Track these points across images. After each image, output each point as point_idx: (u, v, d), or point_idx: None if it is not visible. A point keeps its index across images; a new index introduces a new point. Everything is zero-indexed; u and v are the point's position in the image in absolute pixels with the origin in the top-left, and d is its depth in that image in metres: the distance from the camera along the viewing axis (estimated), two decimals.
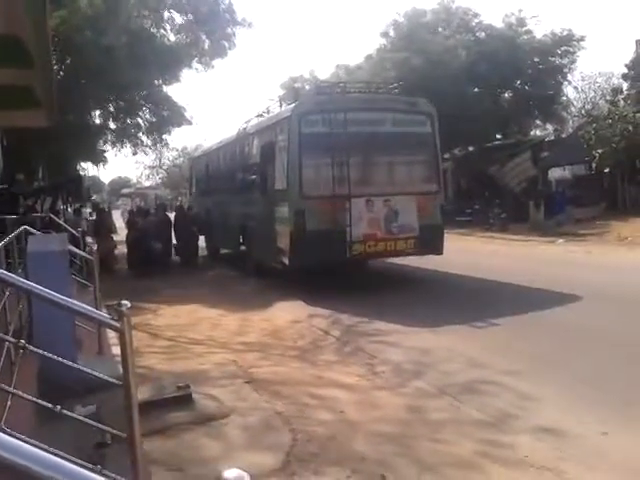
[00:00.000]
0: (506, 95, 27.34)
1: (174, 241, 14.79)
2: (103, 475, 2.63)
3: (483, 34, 26.33)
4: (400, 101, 10.65)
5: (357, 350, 6.51)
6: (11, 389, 3.16)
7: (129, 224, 15.04)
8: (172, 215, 15.79)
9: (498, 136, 27.50)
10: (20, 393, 3.18)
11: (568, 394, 4.85)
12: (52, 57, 7.41)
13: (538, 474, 3.56)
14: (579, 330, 6.84)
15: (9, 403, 3.13)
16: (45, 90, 8.43)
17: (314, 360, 6.27)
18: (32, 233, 5.81)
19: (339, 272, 10.36)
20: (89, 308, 2.95)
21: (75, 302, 3.05)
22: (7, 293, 4.04)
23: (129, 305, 2.84)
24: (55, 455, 1.04)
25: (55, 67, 10.14)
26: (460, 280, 10.63)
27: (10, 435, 1.09)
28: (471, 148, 27.00)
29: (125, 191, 68.26)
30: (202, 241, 15.58)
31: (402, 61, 24.53)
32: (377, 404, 4.88)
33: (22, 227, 5.87)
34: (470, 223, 21.33)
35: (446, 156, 21.52)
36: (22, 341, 2.98)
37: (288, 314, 8.51)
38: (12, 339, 3.27)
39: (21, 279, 2.83)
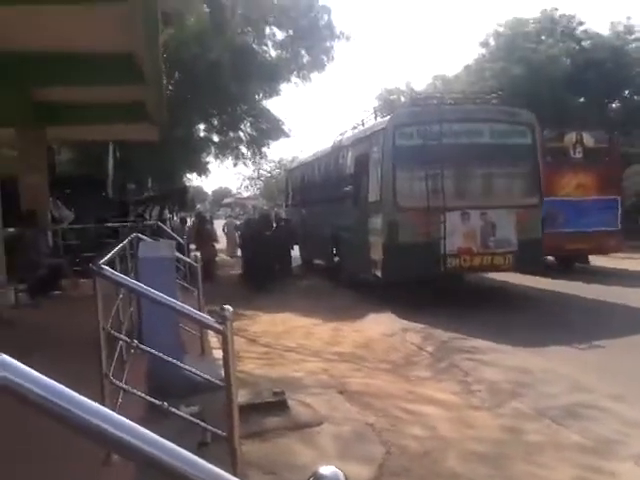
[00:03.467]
0: (614, 105, 25.86)
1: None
2: None
3: (588, 42, 25.08)
4: (499, 111, 10.38)
5: (451, 367, 6.39)
6: (123, 385, 3.39)
7: (244, 239, 15.08)
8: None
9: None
10: (131, 389, 3.41)
11: None
12: (163, 73, 7.88)
13: None
14: None
15: (120, 400, 3.37)
16: (156, 106, 8.97)
17: (407, 374, 6.23)
18: (143, 239, 6.19)
19: (433, 286, 10.19)
20: (196, 311, 3.13)
21: (183, 305, 3.25)
22: (120, 295, 4.33)
23: (232, 310, 2.98)
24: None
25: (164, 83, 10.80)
26: (559, 298, 10.14)
27: None
28: None
29: (226, 201, 71.08)
30: (296, 250, 15.90)
31: (502, 71, 23.88)
32: (471, 423, 4.77)
33: (133, 234, 6.28)
34: None
35: None
36: (135, 341, 3.21)
37: (380, 326, 8.50)
38: (126, 338, 3.51)
39: (135, 282, 3.03)
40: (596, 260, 13.97)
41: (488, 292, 11.20)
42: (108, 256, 3.48)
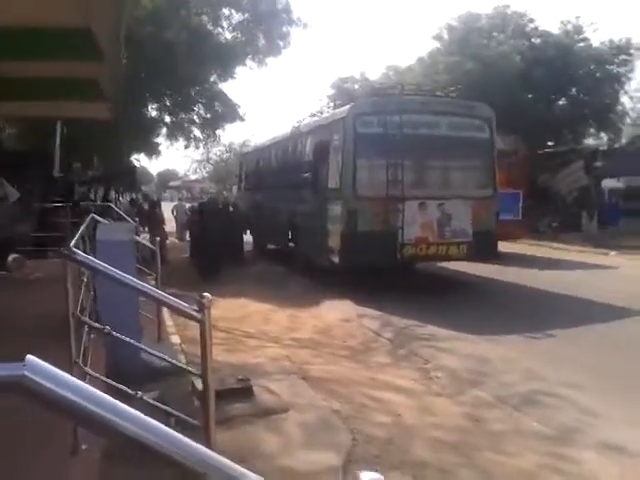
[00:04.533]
0: (560, 102, 26.72)
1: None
2: None
3: (539, 40, 25.78)
4: (459, 105, 10.54)
5: (410, 354, 6.48)
6: (89, 370, 3.26)
7: (191, 223, 14.66)
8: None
9: (550, 143, 26.90)
10: (98, 375, 3.29)
11: (630, 409, 4.73)
12: (122, 51, 7.56)
13: None
14: (635, 343, 6.68)
15: None
16: (112, 84, 8.61)
17: (366, 361, 6.27)
18: (100, 222, 5.98)
19: (388, 274, 10.30)
20: (172, 298, 3.02)
21: (159, 291, 3.14)
22: (85, 279, 4.16)
23: (210, 298, 2.90)
24: None
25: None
26: (513, 288, 10.47)
27: None
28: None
29: (173, 184, 69.69)
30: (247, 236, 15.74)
31: (455, 65, 24.25)
32: (434, 410, 4.84)
33: (90, 215, 6.05)
34: None
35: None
36: (107, 327, 3.08)
37: (337, 313, 8.52)
38: (97, 325, 3.37)
39: (109, 267, 2.91)
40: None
41: (442, 280, 11.43)
42: (75, 238, 3.32)
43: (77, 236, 4.19)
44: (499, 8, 26.88)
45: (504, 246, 13.12)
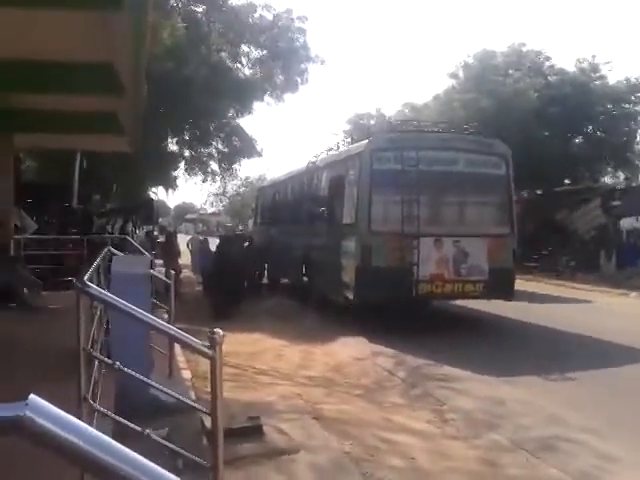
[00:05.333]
0: (577, 140, 26.69)
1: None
2: None
3: (555, 78, 25.89)
4: (475, 141, 10.55)
5: (425, 394, 6.33)
6: (99, 407, 3.21)
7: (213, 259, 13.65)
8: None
9: (567, 181, 26.80)
10: (106, 412, 3.23)
11: None
12: (143, 87, 7.68)
13: None
14: None
15: (95, 423, 3.17)
16: (131, 118, 8.75)
17: (380, 401, 6.14)
18: (116, 254, 5.99)
19: (404, 311, 10.18)
20: (183, 333, 2.97)
21: (171, 327, 3.10)
22: (98, 312, 4.14)
23: (222, 334, 2.85)
24: None
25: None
26: (532, 328, 10.26)
27: None
28: (539, 192, 26.38)
29: (189, 216, 70.31)
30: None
31: (471, 102, 24.41)
32: (449, 454, 4.70)
33: (107, 248, 6.07)
34: (537, 269, 20.69)
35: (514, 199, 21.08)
36: (117, 363, 3.04)
37: (351, 350, 8.41)
38: (108, 360, 3.33)
39: (122, 301, 2.88)
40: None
41: (459, 318, 11.26)
42: (89, 271, 3.32)
43: (91, 269, 4.19)
44: (515, 46, 27.12)
45: (522, 285, 12.95)
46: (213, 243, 15.23)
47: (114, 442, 1.04)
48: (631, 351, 8.30)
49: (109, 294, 3.03)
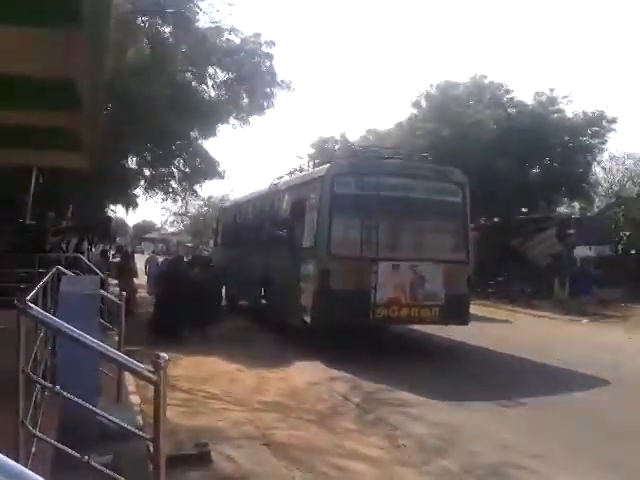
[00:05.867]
0: (534, 170, 27.49)
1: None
2: None
3: (514, 110, 26.73)
4: (433, 169, 10.75)
5: (378, 420, 6.32)
6: (38, 433, 3.09)
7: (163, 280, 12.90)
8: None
9: (524, 209, 27.52)
10: (47, 439, 3.11)
11: None
12: (103, 104, 7.58)
13: None
14: (605, 415, 6.62)
15: (34, 449, 3.06)
16: (90, 135, 8.62)
17: (333, 427, 6.10)
18: (65, 273, 5.83)
19: (360, 335, 10.20)
20: (126, 357, 2.90)
21: (115, 351, 3.02)
22: (41, 334, 4.01)
23: (167, 358, 2.79)
24: None
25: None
26: (485, 354, 10.40)
27: None
28: (497, 219, 27.01)
29: (148, 236, 69.17)
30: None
31: (432, 131, 24.97)
32: None
33: (56, 267, 5.91)
34: (492, 295, 21.07)
35: (471, 226, 21.41)
36: (57, 387, 2.94)
37: (306, 375, 8.36)
38: (47, 383, 3.22)
39: (66, 324, 2.80)
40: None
41: (414, 343, 11.33)
42: (33, 292, 3.22)
43: (36, 288, 4.06)
44: (476, 78, 27.91)
45: (477, 310, 13.16)
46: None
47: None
48: (582, 377, 8.46)
49: (50, 315, 2.94)
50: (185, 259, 14.18)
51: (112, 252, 23.51)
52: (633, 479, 4.72)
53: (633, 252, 22.55)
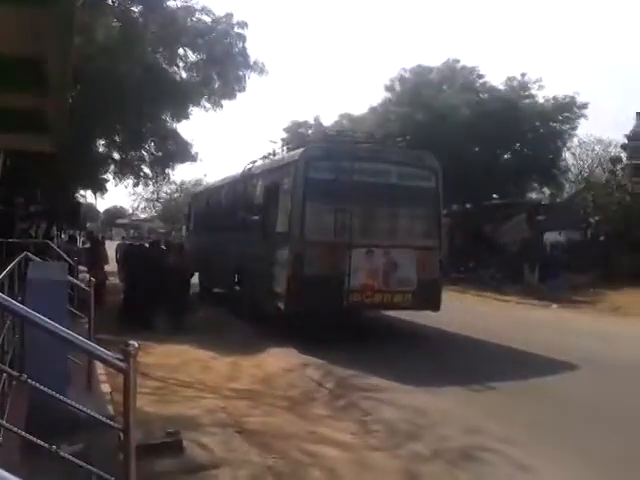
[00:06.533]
0: (506, 156, 27.74)
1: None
2: None
3: (486, 95, 26.86)
4: (407, 154, 10.78)
5: (350, 405, 6.36)
6: (4, 422, 3.03)
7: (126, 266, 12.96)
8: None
9: (495, 195, 27.80)
10: (14, 429, 3.05)
11: (559, 465, 4.75)
12: (70, 85, 7.38)
13: None
14: (574, 399, 6.75)
15: (1, 439, 3.00)
16: (57, 116, 8.40)
17: (306, 413, 6.12)
18: (32, 259, 5.71)
19: (334, 321, 10.23)
20: (95, 346, 2.85)
21: (81, 338, 2.95)
22: (7, 322, 3.91)
23: (136, 346, 2.75)
24: None
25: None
26: (456, 339, 10.53)
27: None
28: (468, 205, 27.25)
29: (120, 221, 68.18)
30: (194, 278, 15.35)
31: (406, 115, 24.97)
32: (371, 465, 4.73)
33: (24, 253, 5.77)
34: (463, 281, 21.31)
35: (443, 212, 21.54)
36: (24, 375, 2.87)
37: (280, 361, 8.35)
38: (13, 372, 3.15)
39: (31, 311, 2.72)
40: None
41: (386, 328, 11.42)
42: None
43: (1, 275, 3.96)
44: (449, 62, 27.92)
45: (448, 296, 13.32)
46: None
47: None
48: (552, 362, 8.61)
49: (16, 303, 2.85)
50: (161, 246, 13.76)
51: (82, 238, 23.12)
52: (602, 462, 4.82)
53: (602, 238, 23.00)
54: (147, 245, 13.56)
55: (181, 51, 17.64)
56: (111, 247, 18.06)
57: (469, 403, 6.51)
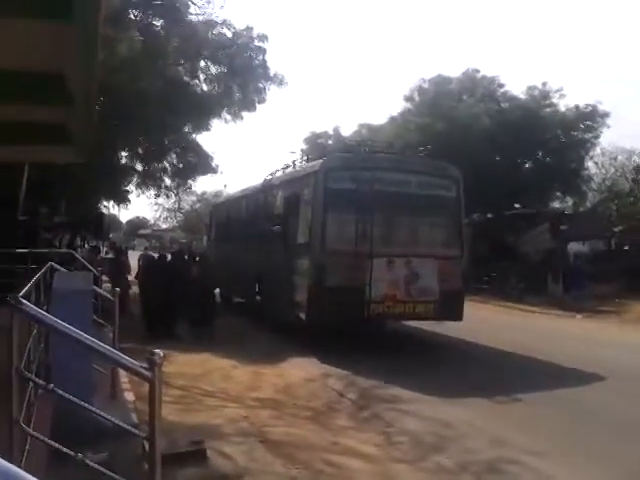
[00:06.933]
0: (527, 165, 27.49)
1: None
2: None
3: (507, 104, 26.70)
4: (428, 164, 10.73)
5: (373, 416, 6.32)
6: (32, 431, 3.06)
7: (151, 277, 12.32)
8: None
9: (517, 205, 27.50)
10: (40, 437, 3.08)
11: (584, 477, 4.68)
12: (95, 98, 7.49)
13: None
14: (599, 410, 6.62)
15: (27, 447, 3.02)
16: (82, 130, 8.52)
17: (328, 423, 6.08)
18: (58, 269, 5.78)
19: (355, 331, 10.18)
20: (120, 354, 2.87)
21: (109, 348, 2.98)
22: (35, 331, 3.96)
23: (162, 355, 2.75)
24: None
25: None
26: (479, 350, 10.39)
27: None
28: (490, 215, 26.99)
29: (142, 232, 68.77)
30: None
31: (425, 125, 24.91)
32: (395, 477, 4.69)
33: (49, 263, 5.85)
34: (486, 291, 21.09)
35: (464, 221, 21.30)
36: (51, 385, 2.90)
37: (301, 371, 8.33)
38: (41, 382, 3.18)
39: (60, 321, 2.75)
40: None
41: (409, 339, 11.32)
42: (26, 288, 3.17)
43: (29, 285, 4.02)
44: (469, 72, 27.88)
45: (470, 306, 13.17)
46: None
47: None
48: (577, 372, 8.45)
49: (44, 312, 2.89)
50: (185, 256, 13.65)
51: (105, 249, 23.37)
52: (629, 472, 4.72)
53: (626, 247, 22.61)
54: (169, 255, 13.55)
55: (202, 64, 17.84)
56: (134, 257, 18.24)
57: (493, 414, 6.41)
